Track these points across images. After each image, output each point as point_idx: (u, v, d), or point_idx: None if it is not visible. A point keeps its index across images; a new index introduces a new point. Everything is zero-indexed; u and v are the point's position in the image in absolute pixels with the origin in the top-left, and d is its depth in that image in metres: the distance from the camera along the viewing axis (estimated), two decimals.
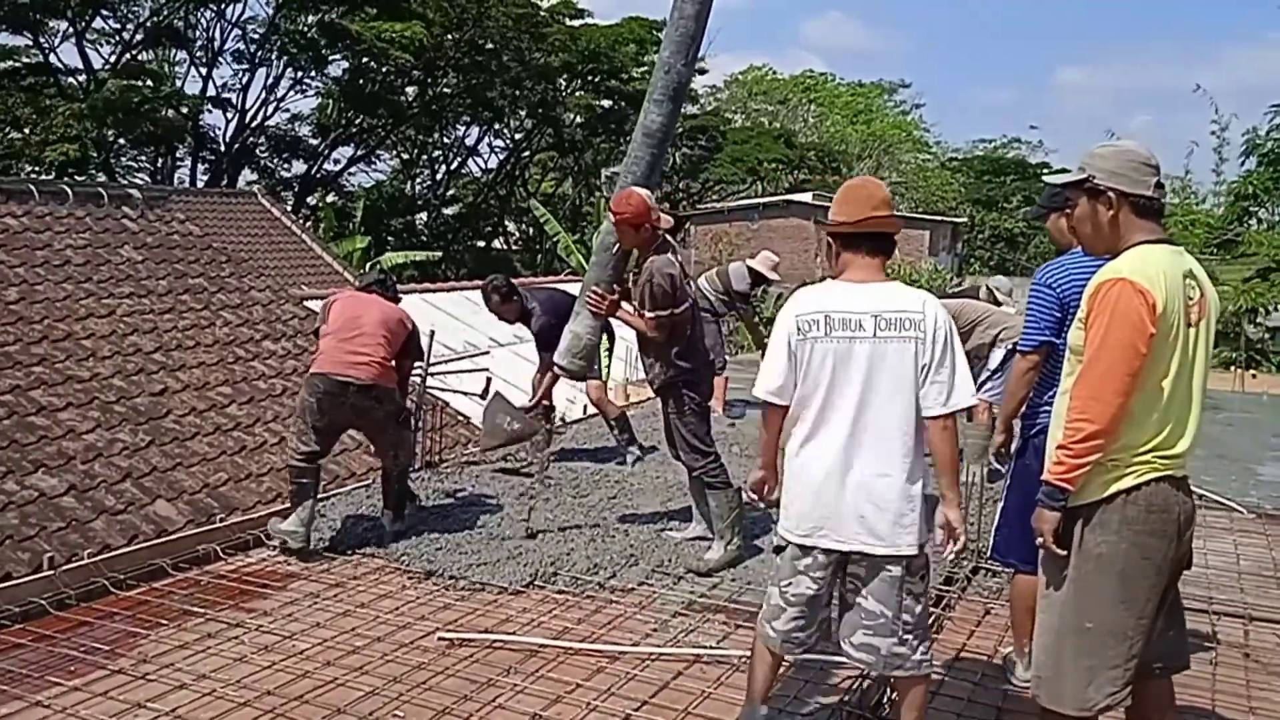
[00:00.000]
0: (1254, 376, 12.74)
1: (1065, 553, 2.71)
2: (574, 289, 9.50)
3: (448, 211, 36.09)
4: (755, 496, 3.42)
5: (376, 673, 3.80)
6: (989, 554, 4.50)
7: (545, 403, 6.92)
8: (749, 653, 3.98)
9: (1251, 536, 5.87)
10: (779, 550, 3.26)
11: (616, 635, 4.22)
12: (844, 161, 42.84)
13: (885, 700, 3.67)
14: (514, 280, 7.18)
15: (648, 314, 4.94)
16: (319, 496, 5.26)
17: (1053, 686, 2.77)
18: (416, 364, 7.19)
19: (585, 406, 8.87)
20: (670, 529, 5.48)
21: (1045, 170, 35.11)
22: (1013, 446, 3.83)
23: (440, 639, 4.10)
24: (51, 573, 4.52)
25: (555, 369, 5.40)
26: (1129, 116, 74.01)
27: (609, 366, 7.47)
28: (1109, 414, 2.58)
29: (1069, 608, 2.71)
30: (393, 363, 5.35)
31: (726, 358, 9.01)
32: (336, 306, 5.40)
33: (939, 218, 32.84)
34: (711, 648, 4.08)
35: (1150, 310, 2.56)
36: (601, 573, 4.84)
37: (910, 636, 3.10)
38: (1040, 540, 2.74)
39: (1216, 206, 18.92)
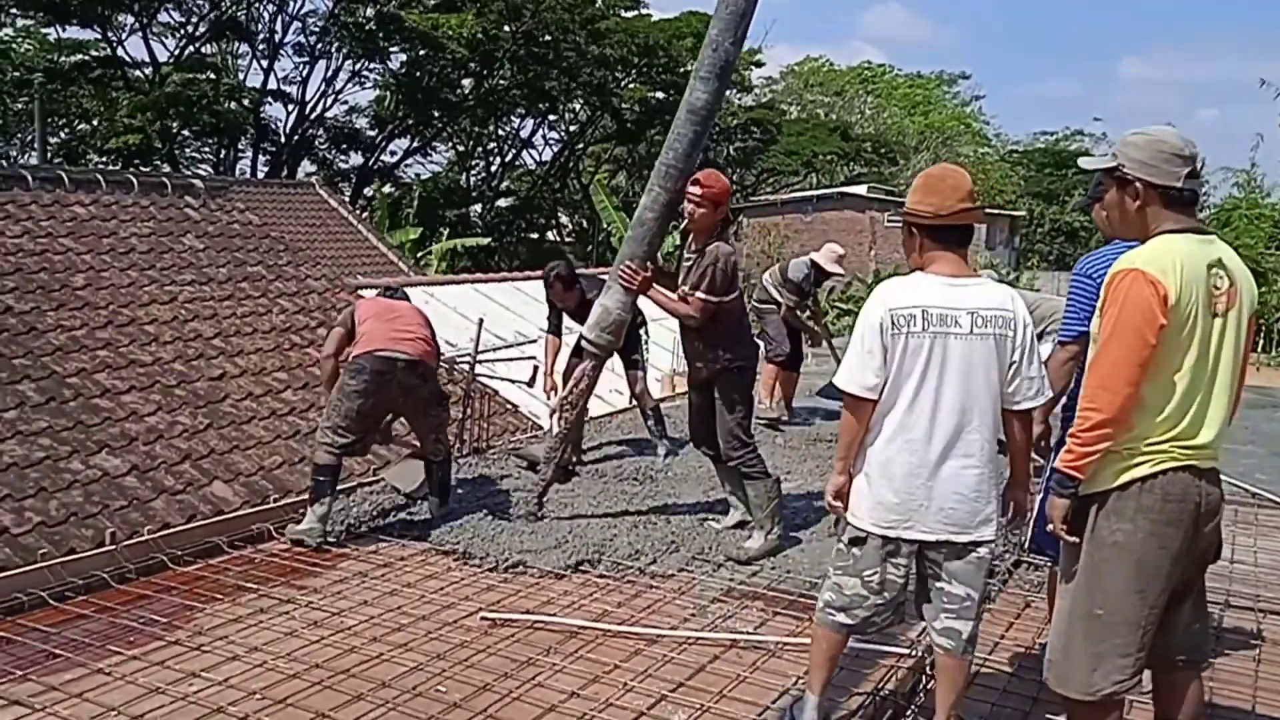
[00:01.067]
0: None
1: (1078, 540, 2.73)
2: None
3: (502, 203, 36.43)
4: (838, 505, 3.25)
5: (421, 649, 3.91)
6: (1028, 546, 4.49)
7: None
8: (786, 638, 4.05)
9: None
10: (856, 543, 3.20)
11: (655, 619, 4.29)
12: (901, 153, 42.40)
13: (921, 688, 3.70)
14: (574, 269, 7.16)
15: (700, 295, 4.90)
16: (337, 492, 5.24)
17: (1062, 669, 2.80)
18: (465, 352, 7.33)
19: (628, 396, 8.94)
20: (711, 520, 5.53)
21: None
22: (1052, 439, 3.81)
23: (483, 619, 4.20)
24: (113, 548, 4.70)
25: (583, 344, 5.37)
26: (1194, 109, 72.22)
27: (649, 356, 7.49)
28: (1117, 403, 2.60)
29: (1081, 593, 2.73)
30: (434, 343, 5.44)
31: (806, 351, 8.99)
32: (364, 305, 5.51)
33: (996, 210, 32.39)
34: (749, 633, 4.13)
35: (1161, 301, 2.56)
36: (642, 559, 4.90)
37: (980, 618, 3.18)
38: (1051, 526, 2.77)
39: None
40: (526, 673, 3.74)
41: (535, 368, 7.20)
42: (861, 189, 32.66)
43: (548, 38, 29.50)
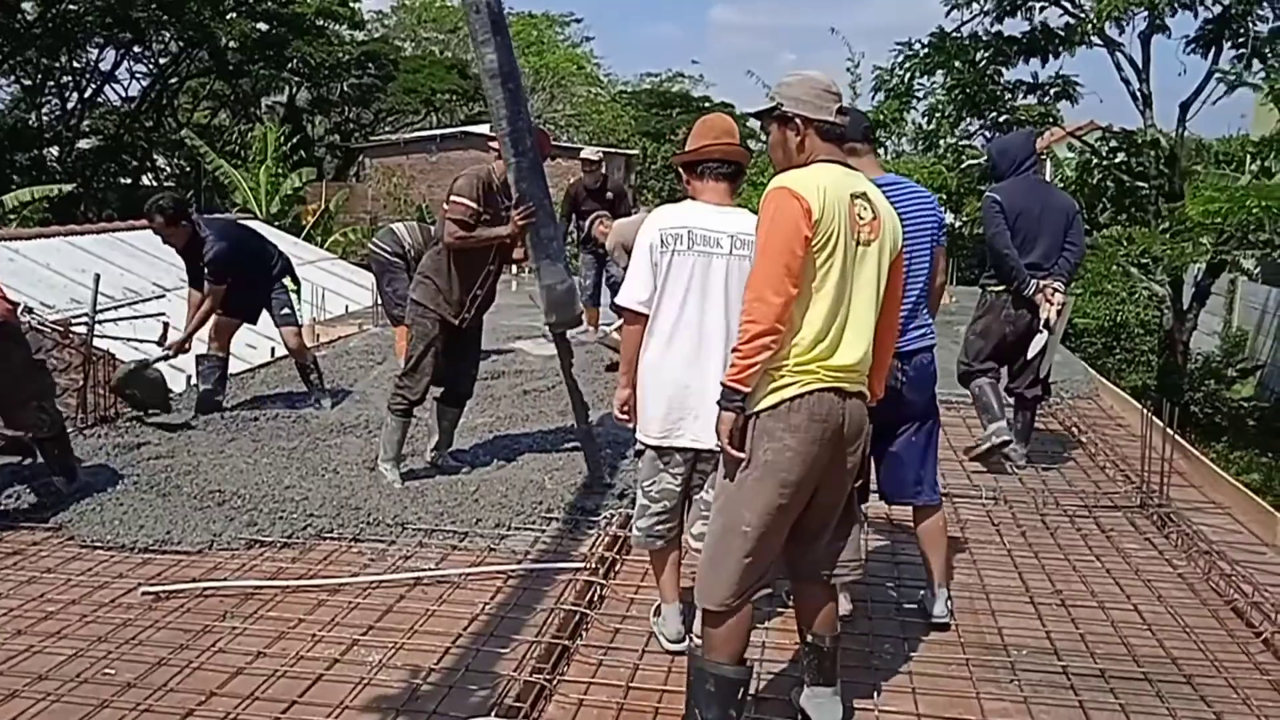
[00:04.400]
0: None
1: (744, 455, 2.82)
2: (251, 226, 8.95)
3: (84, 144, 32.31)
4: (624, 417, 3.56)
5: (77, 635, 3.61)
6: None
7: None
8: (468, 569, 4.20)
9: None
10: (639, 454, 3.55)
11: (334, 570, 4.26)
12: None
13: (597, 597, 3.99)
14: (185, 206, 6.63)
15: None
16: None
17: (710, 583, 2.88)
18: (79, 314, 6.63)
19: (273, 349, 8.54)
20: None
21: (708, 104, 36.99)
22: None
23: (144, 594, 3.94)
24: None
25: (551, 334, 5.23)
26: (778, 54, 79.11)
27: (301, 309, 7.21)
28: (772, 314, 2.72)
29: (733, 509, 2.85)
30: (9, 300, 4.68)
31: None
32: None
33: (612, 150, 33.85)
34: (431, 569, 4.22)
35: (805, 215, 2.74)
36: (312, 514, 4.78)
37: None
38: (719, 442, 2.85)
39: None
40: (204, 641, 3.58)
41: (165, 324, 6.67)
42: (484, 128, 32.57)
43: None
